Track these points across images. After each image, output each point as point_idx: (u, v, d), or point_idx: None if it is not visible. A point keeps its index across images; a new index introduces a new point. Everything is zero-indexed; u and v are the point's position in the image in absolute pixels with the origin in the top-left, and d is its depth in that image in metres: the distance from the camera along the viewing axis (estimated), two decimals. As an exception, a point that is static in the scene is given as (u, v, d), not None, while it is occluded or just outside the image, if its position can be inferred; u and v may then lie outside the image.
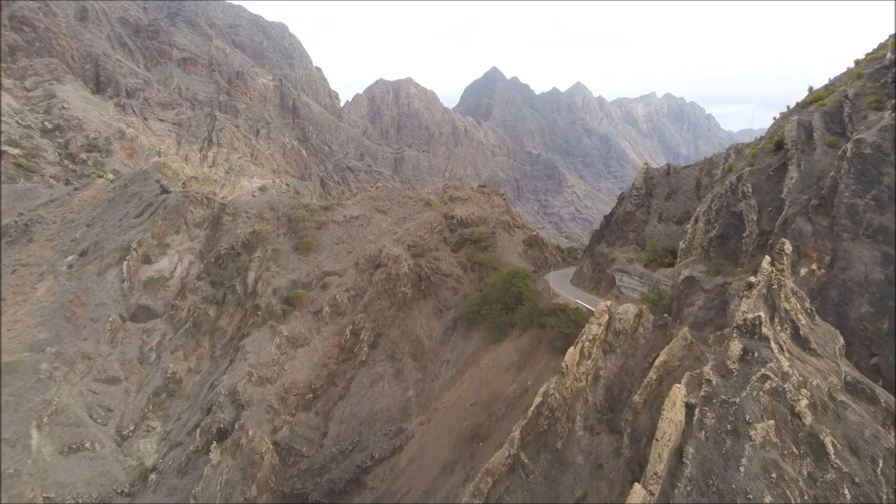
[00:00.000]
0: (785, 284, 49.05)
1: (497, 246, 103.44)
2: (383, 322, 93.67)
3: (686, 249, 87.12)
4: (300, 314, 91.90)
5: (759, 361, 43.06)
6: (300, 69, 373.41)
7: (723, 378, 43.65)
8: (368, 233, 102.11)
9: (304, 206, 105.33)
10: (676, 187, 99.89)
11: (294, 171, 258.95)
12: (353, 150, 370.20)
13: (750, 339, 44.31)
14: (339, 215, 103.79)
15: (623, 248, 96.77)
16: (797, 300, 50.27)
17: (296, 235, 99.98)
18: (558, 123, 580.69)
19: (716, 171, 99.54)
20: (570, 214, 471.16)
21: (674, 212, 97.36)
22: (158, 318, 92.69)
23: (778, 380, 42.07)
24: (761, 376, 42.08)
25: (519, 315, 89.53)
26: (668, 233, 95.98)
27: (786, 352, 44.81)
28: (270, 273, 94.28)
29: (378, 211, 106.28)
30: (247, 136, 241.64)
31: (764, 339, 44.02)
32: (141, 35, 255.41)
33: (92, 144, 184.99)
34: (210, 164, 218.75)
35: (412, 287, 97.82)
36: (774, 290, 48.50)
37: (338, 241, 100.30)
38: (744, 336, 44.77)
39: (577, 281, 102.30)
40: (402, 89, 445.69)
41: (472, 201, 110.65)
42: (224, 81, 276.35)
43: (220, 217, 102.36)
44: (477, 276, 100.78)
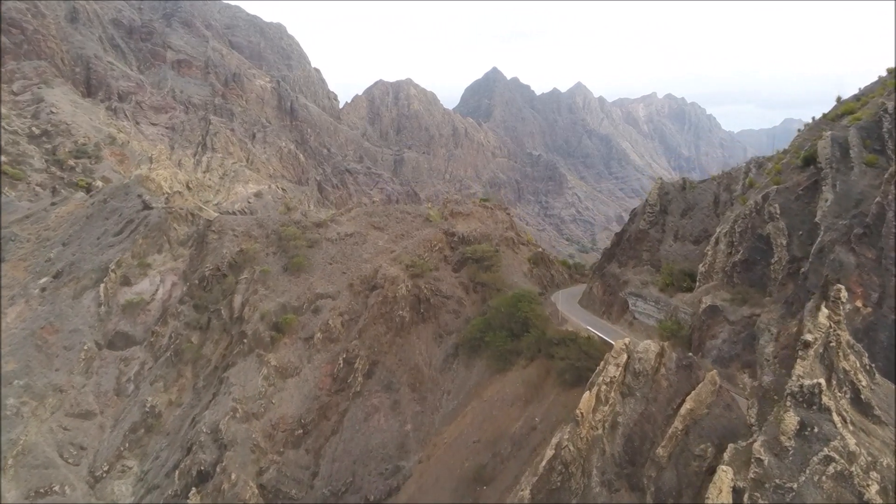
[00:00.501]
0: (843, 339, 42.01)
1: (501, 265, 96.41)
2: (379, 349, 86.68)
3: (706, 273, 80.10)
4: (290, 341, 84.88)
5: (819, 438, 35.90)
6: (298, 70, 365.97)
7: (776, 457, 36.46)
8: (364, 251, 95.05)
9: (295, 223, 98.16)
10: (693, 203, 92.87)
11: (291, 176, 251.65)
12: (352, 153, 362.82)
13: (808, 409, 37.15)
14: (332, 232, 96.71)
15: (636, 270, 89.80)
16: (855, 356, 43.20)
17: (286, 255, 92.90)
18: (559, 124, 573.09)
19: (735, 186, 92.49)
20: (571, 216, 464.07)
21: (690, 230, 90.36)
22: (137, 345, 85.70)
23: (843, 462, 34.92)
24: (824, 458, 34.94)
25: (525, 343, 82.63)
26: (684, 253, 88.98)
27: (849, 424, 37.74)
28: (258, 296, 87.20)
29: (374, 227, 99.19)
30: (242, 141, 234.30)
31: (824, 410, 36.87)
32: (134, 36, 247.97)
33: (81, 150, 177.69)
34: (204, 170, 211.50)
35: (410, 310, 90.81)
36: (832, 347, 41.39)
37: (331, 261, 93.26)
38: (800, 406, 37.60)
39: (587, 303, 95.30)
40: (401, 90, 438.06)
41: (474, 216, 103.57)
42: (220, 84, 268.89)
43: (205, 235, 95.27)
44: (480, 298, 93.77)
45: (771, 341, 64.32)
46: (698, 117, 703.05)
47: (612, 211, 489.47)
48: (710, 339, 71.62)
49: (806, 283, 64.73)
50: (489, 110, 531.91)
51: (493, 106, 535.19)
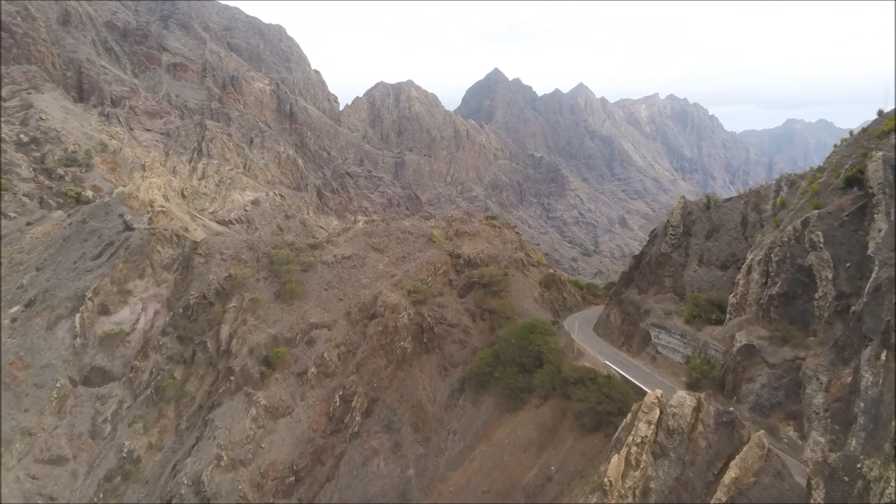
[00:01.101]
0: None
1: (510, 290, 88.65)
2: (379, 384, 78.97)
3: (738, 305, 72.32)
4: (281, 377, 77.15)
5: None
6: (298, 72, 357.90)
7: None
8: (362, 275, 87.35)
9: (288, 244, 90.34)
10: (718, 224, 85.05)
11: (289, 182, 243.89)
12: (352, 156, 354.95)
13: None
14: (328, 255, 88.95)
15: (658, 297, 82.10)
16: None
17: (278, 280, 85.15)
18: (561, 125, 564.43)
19: (765, 205, 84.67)
20: (574, 218, 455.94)
21: (717, 254, 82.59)
22: (115, 381, 77.97)
23: None
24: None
25: (538, 379, 74.89)
26: (710, 279, 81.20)
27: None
28: (247, 327, 79.46)
29: (373, 249, 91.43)
30: (239, 146, 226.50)
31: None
32: (129, 39, 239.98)
33: (71, 158, 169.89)
34: (200, 177, 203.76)
35: (413, 341, 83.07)
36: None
37: (327, 287, 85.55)
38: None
39: (604, 331, 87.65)
40: (402, 92, 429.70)
41: (480, 236, 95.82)
42: (217, 87, 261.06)
43: (191, 258, 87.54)
44: (487, 327, 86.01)
45: (820, 391, 56.64)
46: (700, 118, 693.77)
47: (614, 213, 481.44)
48: (746, 382, 63.94)
49: (860, 325, 56.51)
50: (491, 111, 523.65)
51: (495, 107, 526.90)
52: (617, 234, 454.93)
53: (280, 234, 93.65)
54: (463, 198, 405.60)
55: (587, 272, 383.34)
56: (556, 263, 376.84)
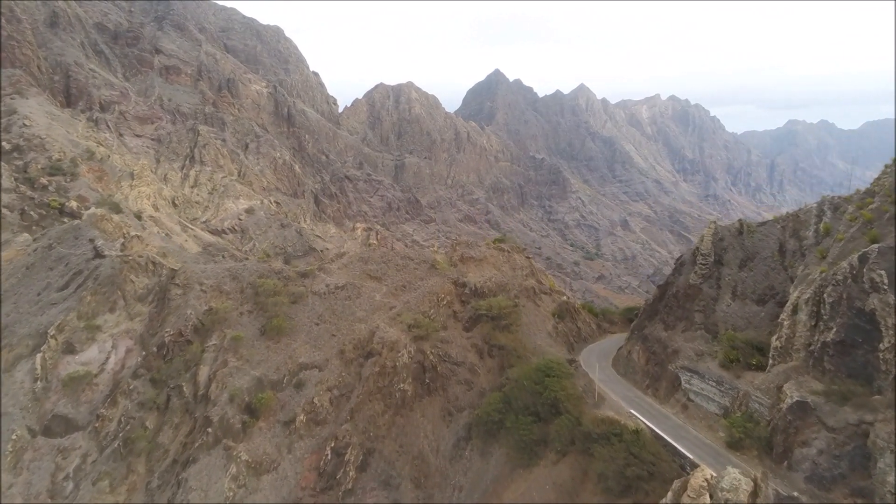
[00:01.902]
0: None
1: (521, 323, 79.47)
2: (376, 433, 69.75)
3: (783, 349, 63.04)
4: (266, 426, 67.93)
5: None
6: (296, 74, 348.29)
7: None
8: (358, 308, 78.14)
9: (276, 273, 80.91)
10: (753, 252, 75.81)
11: (286, 189, 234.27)
12: (351, 159, 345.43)
13: None
14: (320, 284, 79.67)
15: (687, 335, 72.92)
16: None
17: (264, 314, 75.92)
18: (562, 127, 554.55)
19: (805, 232, 75.37)
20: (575, 221, 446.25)
21: (752, 286, 73.35)
22: (80, 430, 68.70)
23: None
24: None
25: (555, 430, 65.62)
26: (746, 315, 71.96)
27: None
28: (228, 370, 70.23)
29: (370, 277, 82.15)
30: (234, 152, 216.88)
31: None
32: (119, 42, 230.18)
33: (55, 167, 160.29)
34: (192, 185, 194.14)
35: (413, 382, 73.84)
36: None
37: (318, 321, 76.33)
38: None
39: (625, 369, 78.44)
40: (402, 94, 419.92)
41: (487, 262, 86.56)
42: (212, 91, 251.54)
43: (167, 289, 78.20)
44: (496, 365, 76.85)
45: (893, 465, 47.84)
46: (702, 119, 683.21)
47: (616, 215, 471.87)
48: (800, 446, 54.68)
49: None
50: (491, 113, 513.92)
51: (496, 108, 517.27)
52: (619, 236, 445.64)
53: (267, 261, 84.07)
54: (464, 201, 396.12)
55: (590, 276, 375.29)
56: (558, 268, 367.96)
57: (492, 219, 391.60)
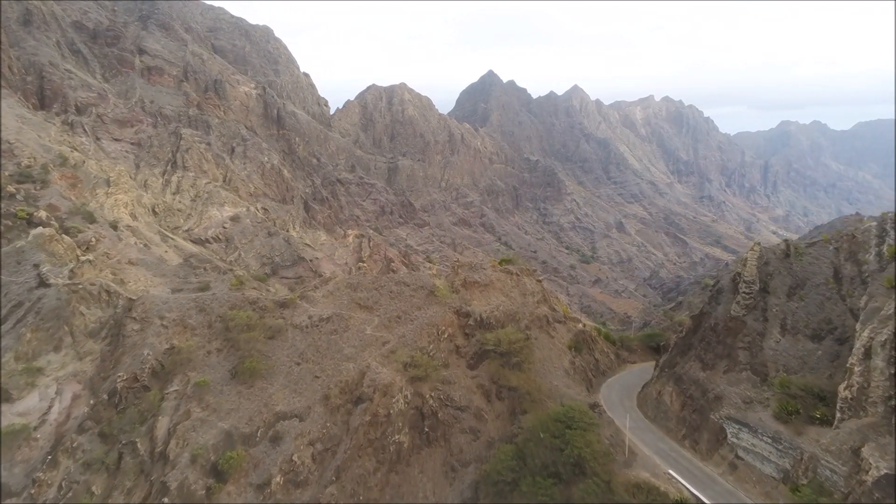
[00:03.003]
0: None
1: (533, 359, 68.26)
2: (367, 494, 58.26)
3: (854, 401, 51.87)
4: (236, 490, 56.35)
5: None
6: (286, 75, 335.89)
7: None
8: (345, 343, 66.69)
9: (250, 303, 69.11)
10: (802, 278, 64.83)
11: (274, 194, 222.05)
12: (343, 162, 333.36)
13: None
14: (301, 316, 68.12)
15: (731, 377, 61.94)
16: None
17: (236, 352, 64.39)
18: (556, 128, 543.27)
19: (864, 254, 64.31)
20: (570, 223, 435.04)
21: (804, 319, 62.40)
22: (13, 497, 56.92)
23: None
24: None
25: (580, 495, 54.49)
26: (800, 354, 60.97)
27: None
28: (191, 422, 58.65)
29: (360, 307, 70.61)
30: (219, 156, 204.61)
31: None
32: (98, 41, 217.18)
33: (24, 174, 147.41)
34: (174, 191, 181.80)
35: (411, 431, 62.45)
36: None
37: (299, 360, 64.88)
38: None
39: (655, 413, 67.40)
40: (395, 95, 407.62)
41: (493, 287, 75.22)
42: (197, 92, 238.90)
43: (123, 323, 66.50)
44: (507, 409, 65.58)
45: None
46: (696, 120, 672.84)
47: (611, 217, 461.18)
48: (892, 533, 43.88)
49: None
50: (486, 114, 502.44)
51: (490, 110, 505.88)
52: (614, 239, 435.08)
53: (240, 289, 72.19)
54: (458, 204, 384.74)
55: (586, 280, 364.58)
56: (554, 272, 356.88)
57: (486, 222, 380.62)
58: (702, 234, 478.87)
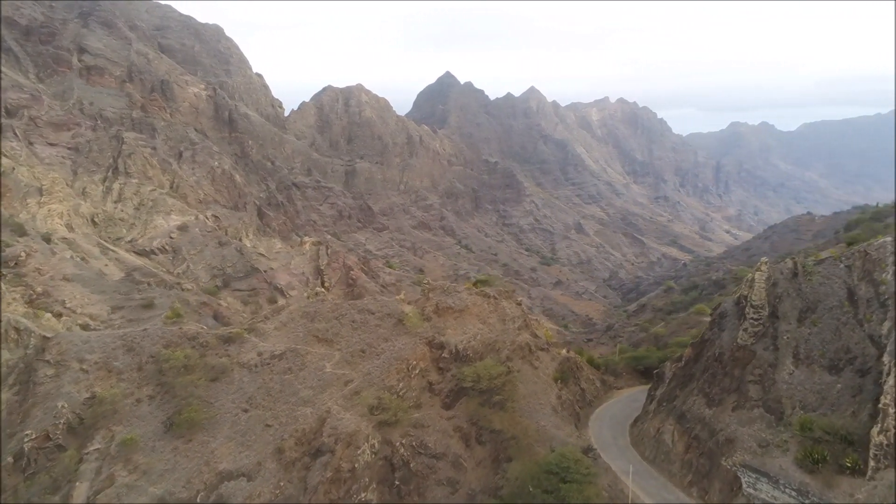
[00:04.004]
0: None
1: (517, 396, 59.81)
2: (328, 568, 49.16)
3: (891, 447, 45.07)
4: (171, 572, 46.55)
5: None
6: (238, 76, 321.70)
7: None
8: (302, 384, 57.16)
9: (189, 339, 58.81)
10: (814, 300, 57.85)
11: (225, 201, 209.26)
12: (299, 165, 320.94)
13: None
14: (250, 353, 58.32)
15: (741, 415, 54.54)
16: None
17: (171, 400, 54.28)
18: (514, 129, 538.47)
19: (880, 273, 57.63)
20: (530, 225, 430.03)
21: (819, 347, 55.40)
22: None
23: None
24: None
25: (578, 562, 46.44)
26: (817, 388, 53.86)
27: None
28: (115, 489, 48.34)
29: (318, 340, 61.09)
30: (165, 161, 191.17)
31: None
32: (32, 39, 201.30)
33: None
34: (115, 200, 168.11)
35: (379, 487, 53.21)
36: None
37: (247, 406, 55.15)
38: None
39: (654, 454, 59.64)
40: (352, 97, 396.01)
41: (470, 313, 66.50)
42: (142, 93, 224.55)
43: (34, 367, 55.71)
44: (489, 455, 56.96)
45: None
46: (650, 121, 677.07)
47: (570, 218, 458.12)
48: None
49: None
50: (444, 116, 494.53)
51: (448, 111, 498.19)
52: (574, 240, 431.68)
53: (177, 322, 61.70)
54: (417, 207, 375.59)
55: (547, 282, 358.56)
56: (516, 274, 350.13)
57: (447, 225, 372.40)
58: (658, 234, 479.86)
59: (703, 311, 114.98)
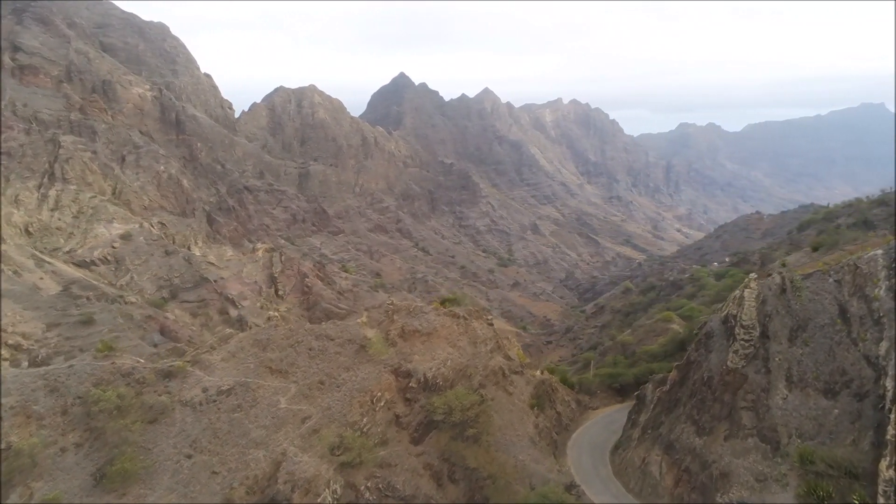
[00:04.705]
0: None
1: (492, 427, 54.51)
2: None
3: None
4: None
5: None
6: (185, 76, 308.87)
7: None
8: (253, 423, 50.72)
9: (123, 375, 51.63)
10: (804, 318, 54.21)
11: (172, 207, 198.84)
12: (251, 168, 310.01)
13: None
14: (194, 389, 51.50)
15: (735, 445, 50.43)
16: None
17: (103, 447, 47.13)
18: (469, 131, 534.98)
19: (872, 288, 54.42)
20: (487, 226, 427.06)
21: (813, 369, 51.70)
22: None
23: None
24: None
25: None
26: (814, 414, 50.08)
27: None
28: (34, 559, 41.43)
29: (271, 371, 54.61)
30: (106, 166, 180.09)
31: None
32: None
33: None
34: (52, 207, 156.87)
35: (342, 537, 47.45)
36: None
37: (191, 450, 48.46)
38: None
39: (640, 487, 55.00)
40: (305, 98, 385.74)
41: (438, 336, 60.83)
42: (82, 94, 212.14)
43: (-63, 415, 47.93)
44: (463, 494, 51.44)
45: None
46: (602, 122, 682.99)
47: (526, 219, 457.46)
48: None
49: None
50: (399, 117, 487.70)
51: (403, 113, 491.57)
52: (530, 241, 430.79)
53: (109, 356, 54.14)
54: (373, 209, 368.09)
55: (505, 283, 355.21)
56: (473, 277, 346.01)
57: (403, 227, 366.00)
58: (613, 234, 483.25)
59: (670, 318, 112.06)
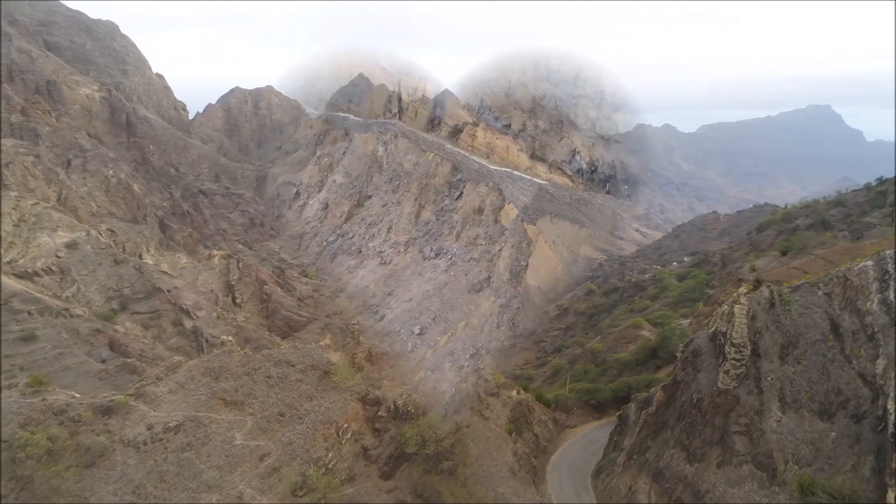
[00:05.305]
0: None
1: (469, 458, 50.21)
2: None
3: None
4: None
5: None
6: (136, 77, 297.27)
7: None
8: (205, 463, 45.33)
9: (56, 413, 45.57)
10: (795, 334, 51.18)
11: (122, 213, 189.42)
12: (206, 171, 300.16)
13: None
14: (137, 426, 45.81)
15: (729, 472, 47.09)
16: None
17: (31, 498, 41.37)
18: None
19: (865, 302, 51.66)
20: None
21: (807, 389, 48.70)
22: None
23: None
24: None
25: None
26: (810, 438, 46.99)
27: None
28: None
29: (225, 403, 49.17)
30: (51, 171, 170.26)
31: None
32: None
33: None
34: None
35: (307, 590, 42.52)
36: None
37: (134, 497, 42.81)
38: None
39: (625, 517, 51.89)
40: (262, 98, 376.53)
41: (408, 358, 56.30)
42: (25, 95, 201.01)
43: None
44: (438, 534, 47.31)
45: None
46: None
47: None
48: None
49: None
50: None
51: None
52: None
53: (39, 392, 47.62)
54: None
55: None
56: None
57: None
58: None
59: (640, 325, 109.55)
